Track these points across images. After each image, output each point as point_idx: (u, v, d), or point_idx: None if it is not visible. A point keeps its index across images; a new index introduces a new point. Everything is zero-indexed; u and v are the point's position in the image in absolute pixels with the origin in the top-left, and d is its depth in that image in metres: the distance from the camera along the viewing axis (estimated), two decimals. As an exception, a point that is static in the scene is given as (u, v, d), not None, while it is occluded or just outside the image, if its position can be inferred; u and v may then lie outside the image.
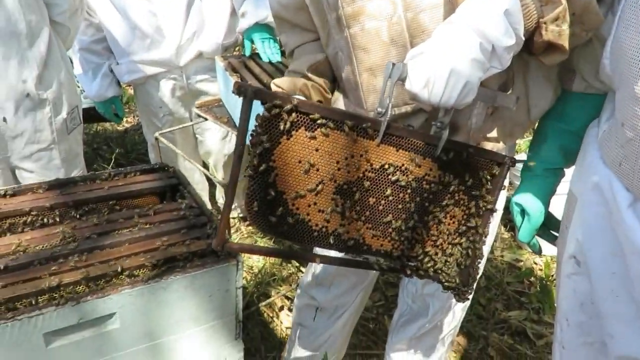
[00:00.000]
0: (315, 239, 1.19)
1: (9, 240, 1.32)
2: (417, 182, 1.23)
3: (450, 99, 1.11)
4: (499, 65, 1.17)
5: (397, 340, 2.07)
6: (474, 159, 1.28)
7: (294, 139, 1.11)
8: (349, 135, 1.15)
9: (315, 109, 1.11)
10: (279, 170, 1.11)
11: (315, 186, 1.15)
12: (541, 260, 3.19)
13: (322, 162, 1.15)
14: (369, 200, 1.21)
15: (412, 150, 1.21)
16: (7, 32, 1.87)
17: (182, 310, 1.27)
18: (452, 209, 1.29)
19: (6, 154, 2.06)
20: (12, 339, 1.06)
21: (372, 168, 1.19)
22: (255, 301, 2.76)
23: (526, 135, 4.59)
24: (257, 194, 1.11)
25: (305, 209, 1.16)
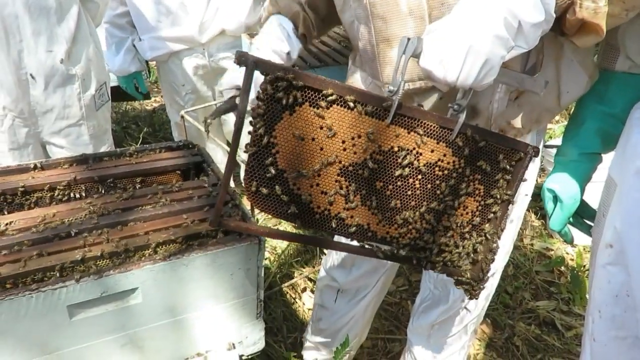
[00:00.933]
0: (316, 222, 1.13)
1: (36, 213, 1.34)
2: (429, 167, 1.15)
3: (467, 79, 1.02)
4: (524, 45, 1.07)
5: (418, 325, 2.04)
6: (493, 146, 1.18)
7: (297, 114, 1.04)
8: (356, 113, 1.07)
9: (321, 83, 1.04)
10: (280, 147, 1.05)
11: (319, 166, 1.08)
12: (572, 249, 3.08)
13: (326, 140, 1.08)
14: (376, 185, 1.13)
15: (425, 133, 1.13)
16: (37, 8, 1.89)
17: (203, 287, 1.27)
18: (466, 199, 1.21)
19: (37, 129, 2.10)
20: (37, 310, 1.08)
21: (381, 150, 1.11)
22: (278, 282, 2.77)
23: (561, 120, 4.42)
24: (257, 171, 1.05)
25: (307, 189, 1.09)
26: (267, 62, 1.01)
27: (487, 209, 1.24)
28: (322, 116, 1.05)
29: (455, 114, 1.12)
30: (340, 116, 1.07)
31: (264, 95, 1.01)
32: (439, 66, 1.02)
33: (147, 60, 2.96)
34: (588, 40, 1.14)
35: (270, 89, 1.00)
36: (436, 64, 1.02)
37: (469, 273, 1.26)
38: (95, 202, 1.40)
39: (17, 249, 1.18)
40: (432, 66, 1.03)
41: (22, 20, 1.87)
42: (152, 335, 1.27)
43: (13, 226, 1.27)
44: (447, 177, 1.17)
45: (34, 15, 1.89)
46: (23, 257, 1.15)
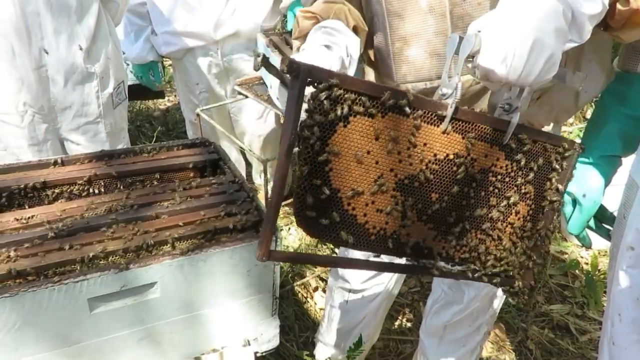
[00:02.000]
0: (372, 244, 1.03)
1: (56, 207, 1.35)
2: (483, 174, 1.09)
3: (530, 75, 0.95)
4: (578, 38, 1.03)
5: (431, 326, 2.03)
6: (543, 146, 1.13)
7: (352, 126, 0.94)
8: (412, 120, 0.99)
9: (375, 89, 0.96)
10: (334, 164, 0.94)
11: (375, 181, 0.99)
12: (587, 253, 3.05)
13: (382, 152, 0.98)
14: (431, 196, 1.05)
15: (479, 137, 1.05)
16: (58, 6, 1.91)
17: (220, 283, 1.27)
18: (518, 204, 1.15)
19: (56, 125, 2.13)
20: (59, 302, 1.10)
21: (436, 159, 1.03)
22: (290, 281, 2.78)
23: (576, 122, 4.38)
24: (308, 193, 0.94)
25: (362, 209, 0.99)
26: (321, 69, 0.92)
27: (538, 212, 1.18)
28: (377, 125, 0.97)
29: (505, 114, 1.06)
30: (396, 124, 0.99)
31: (317, 106, 0.91)
32: (501, 64, 0.95)
33: (162, 59, 2.97)
34: (636, 33, 1.10)
35: (323, 99, 0.90)
36: (499, 61, 0.95)
37: (520, 282, 1.20)
38: (114, 197, 1.41)
39: (39, 242, 1.20)
40: (494, 64, 0.95)
41: (44, 18, 1.89)
42: (169, 330, 1.28)
43: (34, 220, 1.29)
44: (501, 182, 1.11)
45: (55, 13, 1.91)
46: (44, 250, 1.17)
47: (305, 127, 0.91)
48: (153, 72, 2.96)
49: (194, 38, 2.69)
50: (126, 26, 2.78)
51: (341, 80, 0.92)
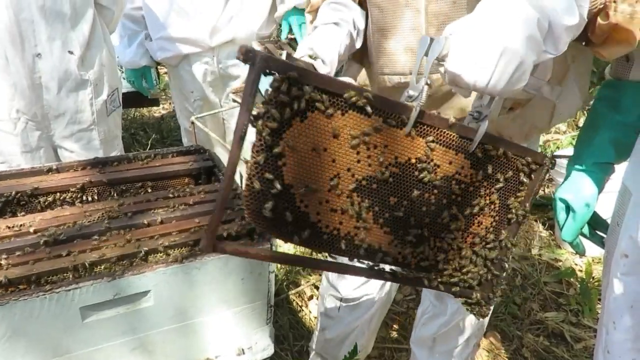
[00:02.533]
0: (324, 244, 1.00)
1: (50, 215, 1.34)
2: (446, 181, 1.06)
3: (499, 83, 0.93)
4: (553, 50, 1.00)
5: (420, 337, 2.03)
6: (511, 157, 1.11)
7: (309, 121, 0.92)
8: (373, 121, 0.96)
9: (338, 86, 0.92)
10: (288, 158, 0.92)
11: (330, 180, 0.96)
12: (581, 261, 3.06)
13: (339, 151, 0.95)
14: (390, 200, 1.03)
15: (444, 143, 1.04)
16: (52, 13, 1.91)
17: (214, 291, 1.26)
18: (481, 215, 1.13)
19: (49, 133, 2.12)
20: (50, 311, 1.08)
21: (397, 162, 1.01)
22: (285, 289, 2.76)
23: (568, 130, 4.41)
24: (260, 187, 0.91)
25: (315, 207, 0.97)
26: (278, 59, 0.89)
27: (502, 224, 1.17)
28: (336, 123, 0.94)
29: (475, 122, 1.04)
30: (356, 123, 0.96)
31: (272, 98, 0.88)
32: (469, 70, 0.93)
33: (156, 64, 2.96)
34: (617, 50, 1.08)
35: (280, 91, 0.88)
36: (466, 67, 0.93)
37: (478, 294, 1.19)
38: (107, 205, 1.40)
39: (31, 250, 1.18)
40: (462, 69, 0.93)
41: (38, 25, 1.89)
42: (162, 339, 1.27)
43: (26, 228, 1.28)
44: (464, 191, 1.09)
45: (50, 20, 1.91)
46: (37, 258, 1.16)
47: (258, 118, 0.88)
48: (146, 77, 2.95)
49: (189, 44, 2.69)
50: (120, 30, 2.76)
51: (300, 74, 0.88)
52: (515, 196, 1.15)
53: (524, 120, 1.37)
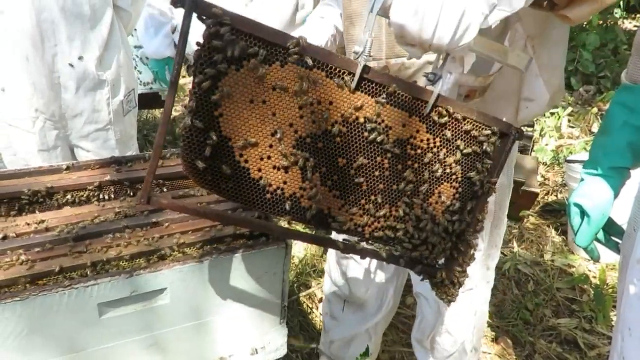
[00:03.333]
0: (267, 203, 0.95)
1: (67, 212, 1.36)
2: (400, 145, 1.00)
3: (444, 34, 0.89)
4: (507, 6, 0.96)
5: (417, 338, 2.03)
6: (472, 124, 1.04)
7: (246, 70, 0.87)
8: (315, 74, 0.91)
9: (275, 35, 0.88)
10: (225, 109, 0.87)
11: (270, 134, 0.91)
12: (595, 267, 3.03)
13: (280, 105, 0.90)
14: (338, 161, 0.97)
15: (395, 104, 0.97)
16: (72, 14, 1.94)
17: (229, 290, 1.27)
18: (441, 184, 1.06)
19: (66, 132, 2.15)
20: (69, 307, 1.09)
21: (344, 120, 0.95)
22: (295, 291, 2.77)
23: (582, 135, 4.37)
24: (195, 137, 0.88)
25: (256, 162, 0.92)
26: (209, 3, 0.85)
27: (465, 196, 1.09)
28: (274, 74, 0.89)
29: (430, 83, 1.00)
30: (296, 76, 0.91)
31: (206, 44, 0.84)
32: (412, 19, 0.89)
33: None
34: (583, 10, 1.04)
35: (212, 36, 0.84)
36: (409, 16, 0.89)
37: (443, 272, 1.12)
38: (124, 203, 1.42)
39: (50, 247, 1.20)
40: (405, 19, 0.89)
41: (58, 25, 1.92)
42: (177, 337, 1.27)
43: (45, 225, 1.29)
44: (420, 157, 1.03)
45: (69, 20, 1.94)
46: (55, 254, 1.17)
47: (192, 64, 0.85)
48: (169, 68, 3.01)
49: None
50: (147, 21, 2.81)
51: (234, 20, 0.85)
52: (479, 167, 1.08)
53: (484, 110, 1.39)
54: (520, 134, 1.08)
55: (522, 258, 3.10)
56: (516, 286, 2.89)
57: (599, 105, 4.78)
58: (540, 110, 1.37)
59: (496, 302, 2.78)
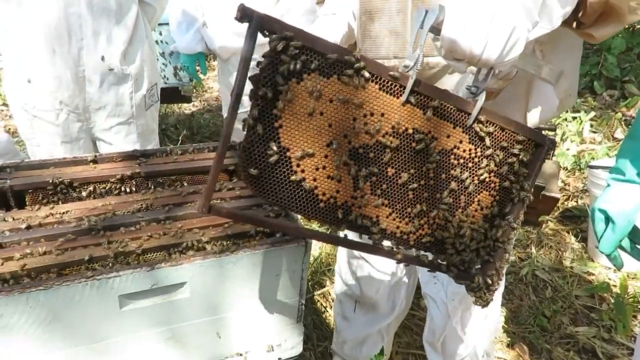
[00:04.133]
0: (321, 212, 0.98)
1: (90, 204, 1.37)
2: (444, 155, 1.05)
3: (493, 49, 0.94)
4: (548, 24, 1.02)
5: (428, 340, 2.01)
6: (510, 135, 1.09)
7: (305, 83, 0.91)
8: (370, 87, 0.96)
9: (333, 49, 0.92)
10: (285, 120, 0.91)
11: (326, 145, 0.95)
12: (616, 275, 2.96)
13: (336, 116, 0.94)
14: (388, 171, 1.01)
15: (441, 116, 1.02)
16: (99, 9, 1.96)
17: (248, 287, 1.27)
18: (480, 192, 1.10)
19: (89, 125, 2.17)
20: (90, 298, 1.10)
21: (394, 132, 1.00)
22: (310, 289, 2.76)
23: (604, 141, 4.29)
24: (255, 148, 0.91)
25: (311, 172, 0.96)
26: (275, 19, 0.88)
27: (502, 204, 1.14)
28: (333, 87, 0.94)
29: (472, 97, 1.05)
30: (353, 89, 0.95)
31: (269, 58, 0.88)
32: (464, 35, 0.93)
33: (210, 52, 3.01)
34: (607, 30, 1.08)
35: (276, 50, 0.87)
36: (461, 32, 0.94)
37: (479, 278, 1.15)
38: (145, 196, 1.43)
39: (73, 238, 1.21)
40: (457, 35, 0.94)
41: (85, 19, 1.94)
42: (195, 332, 1.28)
43: (68, 216, 1.31)
44: (463, 167, 1.07)
45: (96, 15, 1.96)
46: (78, 245, 1.19)
47: (255, 78, 0.89)
48: (200, 62, 3.07)
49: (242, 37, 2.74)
50: (179, 16, 2.86)
51: (297, 35, 0.88)
52: (516, 176, 1.13)
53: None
54: (554, 145, 1.13)
55: (540, 264, 3.05)
56: (533, 292, 2.85)
57: (622, 110, 4.68)
58: (548, 115, 1.36)
59: (513, 307, 2.74)
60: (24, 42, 1.95)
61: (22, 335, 1.07)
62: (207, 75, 5.79)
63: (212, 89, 5.95)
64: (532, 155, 1.13)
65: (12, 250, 1.16)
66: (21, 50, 1.97)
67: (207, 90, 5.93)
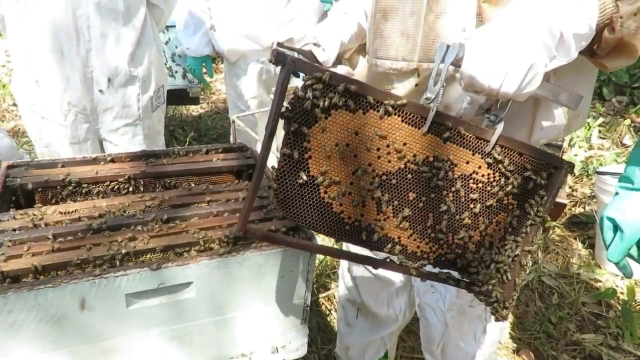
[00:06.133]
0: (347, 234, 1.09)
1: (98, 203, 1.38)
2: (463, 180, 1.12)
3: (511, 84, 0.99)
4: (565, 56, 1.06)
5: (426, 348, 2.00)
6: (528, 159, 1.15)
7: (333, 118, 1.01)
8: (393, 119, 1.04)
9: (361, 88, 1.01)
10: (314, 152, 1.01)
11: (352, 173, 1.04)
12: (623, 282, 2.94)
13: (361, 147, 1.04)
14: (409, 196, 1.09)
15: (461, 143, 1.09)
16: (107, 10, 1.98)
17: (253, 287, 1.27)
18: (498, 215, 1.17)
19: (97, 126, 2.19)
20: (98, 296, 1.11)
21: (415, 160, 1.08)
22: (315, 292, 2.76)
23: (613, 147, 4.26)
24: (287, 176, 1.01)
25: (338, 198, 1.06)
26: (306, 62, 1.00)
27: (520, 226, 1.19)
28: (358, 121, 1.02)
29: (491, 125, 1.10)
30: (376, 122, 1.04)
31: (300, 97, 0.98)
32: (483, 71, 0.99)
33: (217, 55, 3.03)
34: (619, 62, 1.12)
35: (307, 90, 0.98)
36: (480, 69, 1.00)
37: (498, 294, 1.20)
38: (153, 196, 1.43)
39: (81, 236, 1.22)
40: (476, 71, 1.00)
41: (93, 21, 1.96)
42: (200, 332, 1.28)
43: (77, 214, 1.32)
44: (481, 191, 1.14)
45: (104, 16, 1.98)
46: (86, 243, 1.19)
47: (286, 115, 0.98)
48: (207, 65, 3.08)
49: (250, 40, 2.77)
50: (187, 19, 2.87)
51: (325, 75, 0.98)
52: (533, 199, 1.18)
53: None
54: (572, 168, 1.17)
55: (546, 270, 3.03)
56: (540, 298, 2.83)
57: (631, 116, 4.66)
58: (555, 135, 1.38)
59: (518, 313, 2.72)
60: (32, 43, 1.97)
61: (30, 332, 1.08)
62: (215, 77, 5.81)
63: (219, 91, 5.98)
64: (549, 178, 1.18)
65: (21, 248, 1.17)
66: (29, 52, 2.00)
67: (214, 93, 5.96)
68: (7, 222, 1.27)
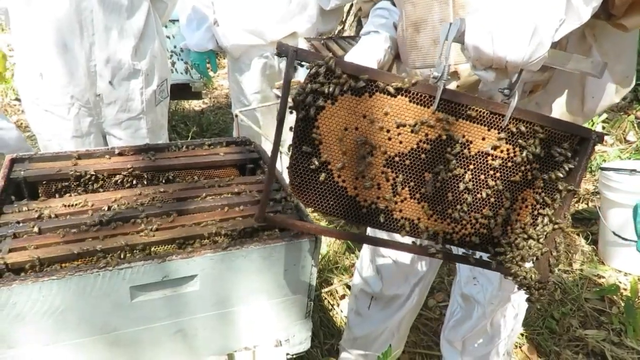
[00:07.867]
0: (364, 217, 1.08)
1: (102, 196, 1.38)
2: (481, 157, 1.09)
3: (517, 51, 0.95)
4: (576, 20, 1.01)
5: (449, 339, 2.00)
6: (550, 131, 1.10)
7: (340, 103, 1.02)
8: (400, 100, 1.03)
9: (361, 71, 1.01)
10: (324, 137, 1.03)
11: (363, 157, 1.04)
12: (626, 279, 2.93)
13: (370, 129, 1.04)
14: (425, 176, 1.08)
15: (474, 120, 1.07)
16: (110, 4, 1.97)
17: (257, 281, 1.27)
18: (524, 191, 1.12)
19: (100, 120, 2.19)
20: (102, 288, 1.11)
21: (428, 139, 1.06)
22: (317, 287, 2.76)
23: (616, 143, 4.24)
24: (300, 163, 1.03)
25: (352, 181, 1.05)
26: (308, 51, 1.03)
27: (549, 200, 1.14)
28: (364, 104, 1.03)
29: (505, 98, 1.07)
30: (383, 103, 1.03)
31: (306, 85, 1.00)
32: (485, 39, 0.97)
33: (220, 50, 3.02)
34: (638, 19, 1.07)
35: (311, 77, 0.99)
36: (483, 37, 0.97)
37: (532, 274, 1.15)
38: (157, 190, 1.43)
39: (85, 229, 1.22)
40: (479, 40, 0.98)
41: (96, 14, 1.95)
42: (204, 325, 1.28)
43: (81, 207, 1.32)
44: (502, 167, 1.10)
45: (107, 10, 1.97)
46: (91, 236, 1.19)
47: (295, 103, 1.00)
48: (210, 60, 3.07)
49: (254, 35, 2.75)
50: (190, 14, 2.86)
51: (328, 61, 0.99)
52: (560, 172, 1.13)
53: (549, 108, 1.33)
54: (601, 138, 1.11)
55: (549, 265, 3.02)
56: (542, 294, 2.82)
57: (636, 113, 4.63)
58: (608, 101, 1.33)
59: (521, 309, 2.72)
60: (35, 37, 1.96)
61: (34, 324, 1.08)
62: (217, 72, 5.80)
63: (222, 86, 5.96)
64: (577, 150, 1.12)
65: (25, 240, 1.17)
66: (33, 45, 1.99)
67: (217, 88, 5.95)
68: (11, 215, 1.27)
